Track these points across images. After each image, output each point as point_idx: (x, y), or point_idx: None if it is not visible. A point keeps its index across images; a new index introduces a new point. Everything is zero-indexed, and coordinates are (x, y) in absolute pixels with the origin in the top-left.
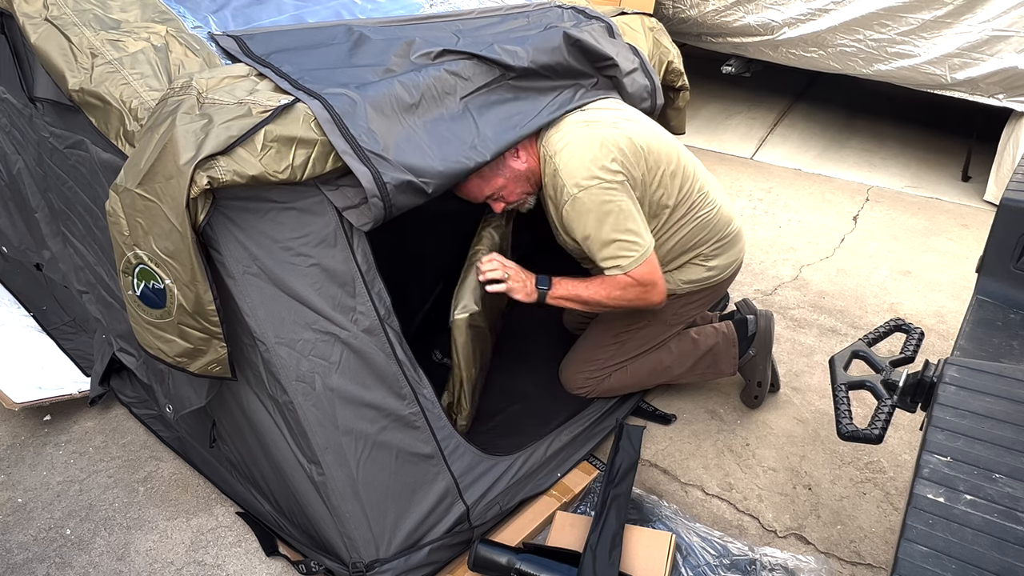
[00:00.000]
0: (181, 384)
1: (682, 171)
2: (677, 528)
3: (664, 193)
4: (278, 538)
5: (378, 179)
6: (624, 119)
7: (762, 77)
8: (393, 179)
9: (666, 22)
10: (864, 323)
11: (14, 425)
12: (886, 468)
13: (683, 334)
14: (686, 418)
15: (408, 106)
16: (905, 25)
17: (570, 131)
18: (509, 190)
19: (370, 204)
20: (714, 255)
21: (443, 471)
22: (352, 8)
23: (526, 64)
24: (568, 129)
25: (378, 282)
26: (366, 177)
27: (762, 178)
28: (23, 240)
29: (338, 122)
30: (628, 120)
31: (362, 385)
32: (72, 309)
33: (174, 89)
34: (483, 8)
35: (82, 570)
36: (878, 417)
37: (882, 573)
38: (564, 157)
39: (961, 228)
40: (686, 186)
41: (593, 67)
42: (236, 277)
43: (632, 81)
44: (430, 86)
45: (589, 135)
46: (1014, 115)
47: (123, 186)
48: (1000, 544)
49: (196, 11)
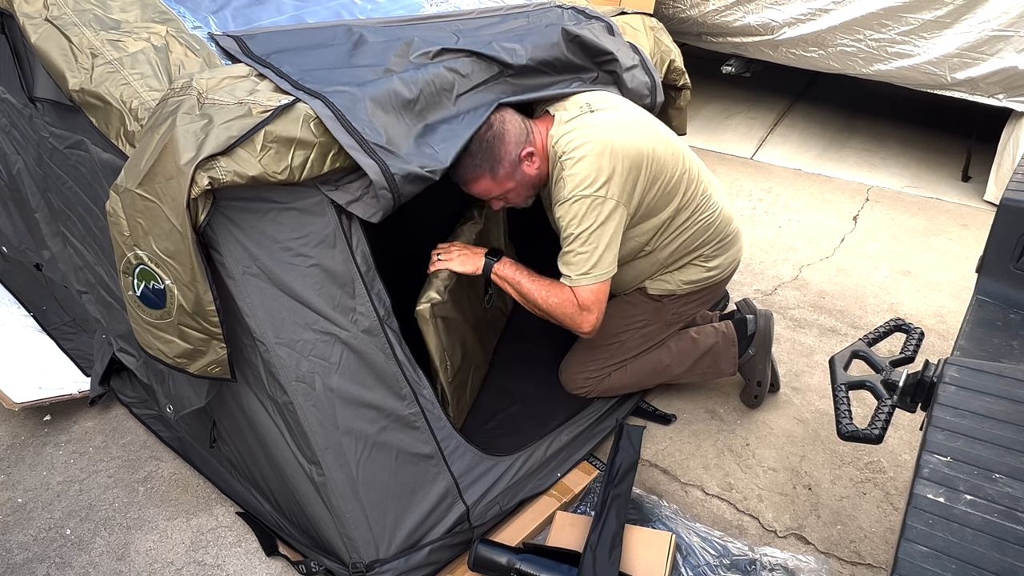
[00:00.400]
0: (181, 384)
1: (687, 175)
2: (677, 528)
3: (667, 198)
4: (278, 538)
5: (386, 171)
6: (631, 121)
7: (762, 77)
8: (400, 170)
9: (666, 22)
10: (864, 323)
11: (14, 425)
12: (886, 468)
13: (683, 333)
14: (686, 418)
15: (407, 101)
16: (905, 25)
17: (581, 134)
18: (515, 193)
19: (379, 196)
20: (714, 255)
21: (443, 471)
22: (352, 8)
23: (524, 61)
24: (580, 132)
25: (377, 283)
26: (373, 170)
27: (762, 178)
28: (23, 240)
29: (341, 118)
30: (635, 123)
31: (362, 385)
32: (72, 309)
33: (174, 89)
34: (483, 8)
35: (82, 570)
36: (878, 417)
37: (882, 573)
38: (571, 162)
39: (961, 228)
40: (691, 190)
41: (593, 62)
42: (236, 277)
43: (632, 77)
44: (429, 82)
45: (600, 143)
46: (1014, 115)
47: (123, 186)
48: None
49: (196, 11)
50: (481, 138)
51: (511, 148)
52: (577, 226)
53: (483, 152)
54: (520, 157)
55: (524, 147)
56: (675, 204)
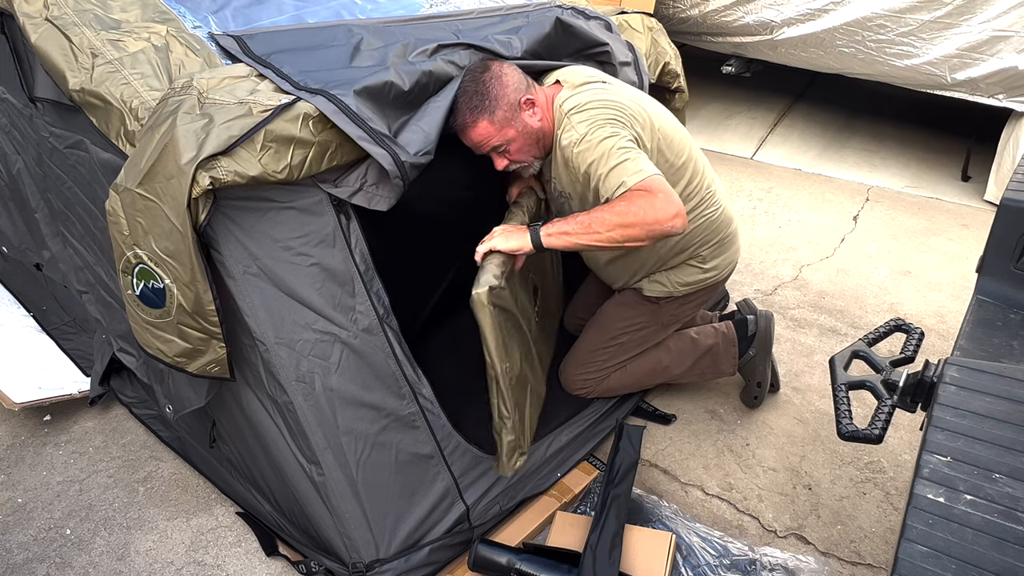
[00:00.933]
0: (181, 384)
1: (693, 164)
2: (677, 528)
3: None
4: (278, 538)
5: (396, 159)
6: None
7: (762, 77)
8: (407, 157)
9: (666, 22)
10: (864, 323)
11: (14, 425)
12: (886, 468)
13: (682, 334)
14: (686, 418)
15: (402, 93)
16: (905, 25)
17: (589, 95)
18: (517, 146)
19: (392, 183)
20: (712, 256)
21: (443, 471)
22: (352, 8)
23: (519, 54)
24: (588, 94)
25: (376, 282)
26: (386, 159)
27: (762, 178)
28: (23, 240)
29: (347, 111)
30: (645, 98)
31: (362, 385)
32: (72, 309)
33: (175, 89)
34: (483, 8)
35: (82, 570)
36: (878, 417)
37: (882, 573)
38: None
39: (961, 228)
40: (696, 180)
41: (586, 52)
42: (236, 277)
43: (624, 76)
44: (426, 72)
45: (608, 99)
46: (1014, 115)
47: (123, 186)
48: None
49: (196, 11)
50: (477, 79)
51: (509, 92)
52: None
53: (480, 93)
54: (520, 104)
55: (524, 95)
56: (681, 188)
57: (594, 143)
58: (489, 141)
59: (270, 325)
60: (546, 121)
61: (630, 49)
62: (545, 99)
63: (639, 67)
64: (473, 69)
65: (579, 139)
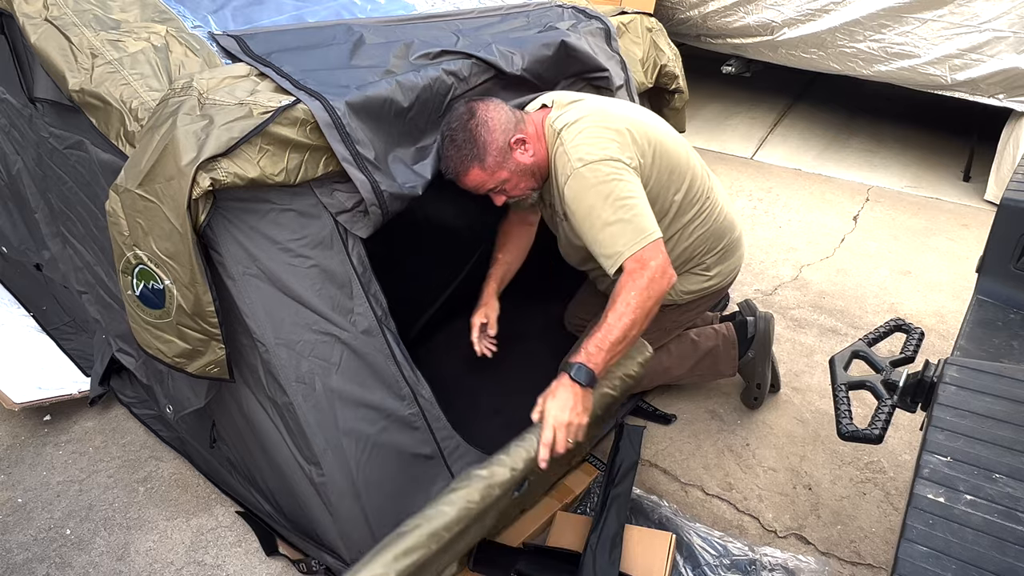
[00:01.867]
0: (180, 385)
1: (691, 171)
2: (677, 528)
3: (671, 192)
4: (278, 537)
5: (376, 188)
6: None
7: (762, 77)
8: (389, 186)
9: (666, 22)
10: (864, 323)
11: (14, 425)
12: (886, 468)
13: (683, 336)
14: (686, 418)
15: (402, 110)
16: (905, 25)
17: (580, 111)
18: (513, 184)
19: (369, 212)
20: (716, 264)
21: (443, 472)
22: (352, 8)
23: (518, 72)
24: (579, 109)
25: (374, 284)
26: (365, 186)
27: (762, 178)
28: (23, 240)
29: (339, 126)
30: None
31: (362, 386)
32: (72, 309)
33: (175, 90)
34: (483, 7)
35: (82, 570)
36: (878, 417)
37: (882, 573)
38: (572, 133)
39: (961, 228)
40: (695, 187)
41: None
42: (236, 278)
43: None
44: (427, 87)
45: (600, 114)
46: (1014, 115)
47: (123, 186)
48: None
49: (196, 11)
50: (465, 126)
51: (498, 135)
52: (600, 203)
53: (469, 141)
54: (510, 145)
55: (514, 135)
56: (679, 200)
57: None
58: (484, 186)
59: (270, 326)
60: (539, 152)
61: (623, 68)
62: (536, 129)
63: (630, 88)
64: (460, 116)
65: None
